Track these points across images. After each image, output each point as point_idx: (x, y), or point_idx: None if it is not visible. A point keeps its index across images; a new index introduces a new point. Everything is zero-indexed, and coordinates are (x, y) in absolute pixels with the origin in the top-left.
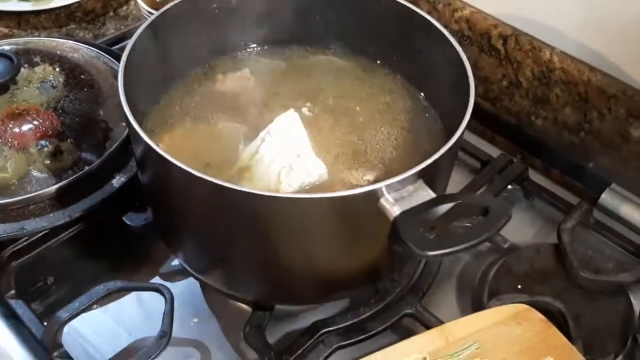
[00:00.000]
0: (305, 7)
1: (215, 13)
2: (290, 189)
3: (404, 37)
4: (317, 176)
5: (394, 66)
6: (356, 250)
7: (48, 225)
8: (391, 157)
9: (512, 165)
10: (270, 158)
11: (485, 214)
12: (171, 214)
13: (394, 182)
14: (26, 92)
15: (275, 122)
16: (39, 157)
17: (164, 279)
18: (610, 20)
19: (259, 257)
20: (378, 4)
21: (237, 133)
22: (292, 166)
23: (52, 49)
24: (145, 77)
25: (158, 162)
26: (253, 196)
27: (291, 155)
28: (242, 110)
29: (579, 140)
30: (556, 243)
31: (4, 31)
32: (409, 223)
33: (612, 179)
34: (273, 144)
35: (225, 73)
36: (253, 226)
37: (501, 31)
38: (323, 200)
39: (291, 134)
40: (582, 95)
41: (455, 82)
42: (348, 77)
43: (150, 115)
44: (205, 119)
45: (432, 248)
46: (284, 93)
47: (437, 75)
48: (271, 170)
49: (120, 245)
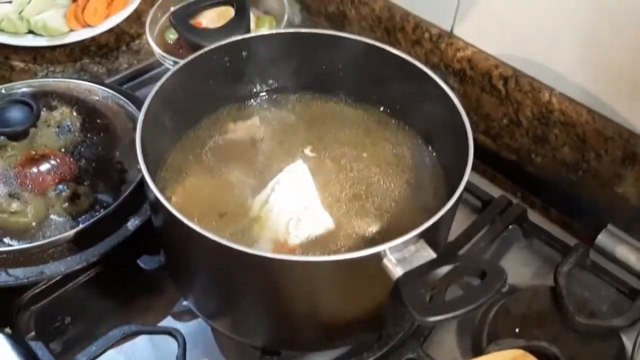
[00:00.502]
0: (312, 57)
1: (227, 66)
2: (297, 240)
3: (405, 87)
4: (323, 228)
5: (398, 115)
6: (360, 304)
7: (66, 269)
8: (396, 207)
9: (512, 207)
10: (279, 208)
11: (482, 277)
12: (181, 262)
13: (397, 244)
14: (45, 136)
15: (284, 172)
16: (57, 202)
17: (176, 318)
18: (607, 64)
19: (266, 308)
20: (380, 56)
21: (247, 182)
22: (300, 217)
23: (69, 90)
24: (160, 127)
25: (168, 217)
26: (259, 258)
27: (299, 206)
28: (253, 158)
29: (577, 178)
30: (552, 285)
31: (20, 65)
32: (410, 285)
33: (608, 220)
34: (282, 194)
35: (235, 122)
36: (260, 282)
37: (502, 72)
38: (328, 263)
39: (299, 184)
40: (580, 136)
41: (456, 139)
42: (356, 125)
43: (164, 163)
44: (217, 168)
45: (431, 314)
46: (292, 141)
47: (439, 128)
48: (280, 221)
49: (134, 285)
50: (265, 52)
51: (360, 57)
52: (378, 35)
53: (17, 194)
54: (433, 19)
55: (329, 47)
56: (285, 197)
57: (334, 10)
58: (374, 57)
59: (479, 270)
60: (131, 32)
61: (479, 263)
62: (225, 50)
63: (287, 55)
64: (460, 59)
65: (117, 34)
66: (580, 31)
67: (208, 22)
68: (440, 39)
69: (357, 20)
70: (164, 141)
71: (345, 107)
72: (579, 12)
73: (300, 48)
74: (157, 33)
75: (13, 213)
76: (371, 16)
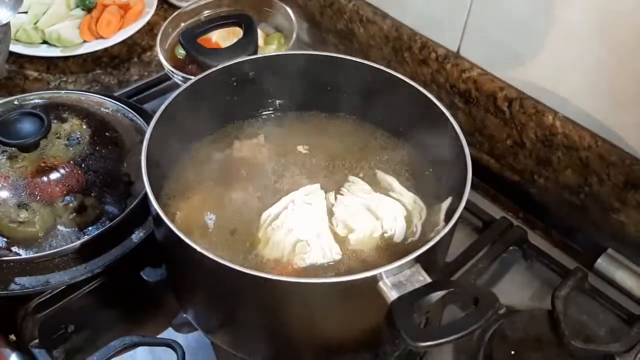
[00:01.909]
0: (318, 78)
1: (234, 85)
2: (303, 263)
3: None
4: (330, 259)
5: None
6: (357, 324)
7: (71, 279)
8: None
9: (512, 229)
10: (289, 227)
11: (475, 303)
12: (181, 278)
13: (392, 268)
14: (54, 148)
15: (300, 191)
16: (64, 212)
17: (176, 329)
18: (612, 91)
19: (264, 326)
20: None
21: (251, 200)
22: (310, 243)
23: (80, 103)
24: (166, 143)
25: (169, 233)
26: (257, 278)
27: (311, 231)
28: (257, 177)
29: (579, 201)
30: (550, 309)
31: (33, 75)
32: (404, 310)
33: (608, 244)
34: (295, 213)
35: (241, 139)
36: (258, 301)
37: (507, 94)
38: (326, 285)
39: (313, 207)
40: (582, 159)
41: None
42: (359, 144)
43: (169, 179)
44: (222, 185)
45: (423, 339)
46: (297, 160)
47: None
48: (288, 240)
49: (136, 296)
50: (272, 72)
51: (365, 79)
52: (385, 54)
53: (26, 204)
54: (440, 39)
55: (334, 68)
56: (298, 217)
57: (342, 27)
58: (377, 80)
59: (472, 296)
60: (143, 44)
61: (473, 289)
62: (233, 70)
63: (294, 75)
64: (466, 79)
65: (129, 45)
66: (586, 58)
67: (217, 37)
68: (447, 59)
69: (365, 39)
70: (170, 157)
71: (349, 127)
72: (585, 40)
73: (306, 69)
74: (168, 48)
75: (21, 223)
76: (379, 35)
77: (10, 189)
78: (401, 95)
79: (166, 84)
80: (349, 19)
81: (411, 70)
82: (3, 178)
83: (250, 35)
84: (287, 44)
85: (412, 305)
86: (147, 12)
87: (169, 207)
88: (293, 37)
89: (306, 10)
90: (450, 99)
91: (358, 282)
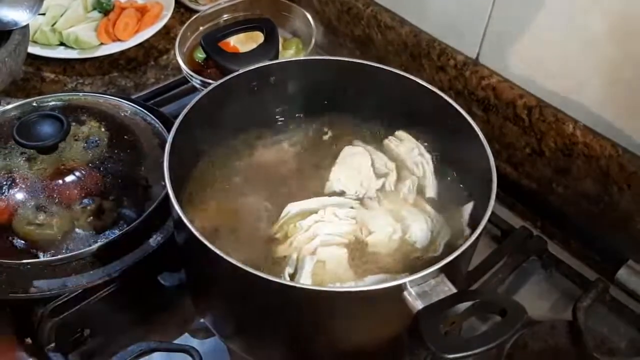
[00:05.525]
0: (340, 83)
1: (255, 90)
2: (307, 279)
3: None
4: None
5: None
6: (379, 334)
7: (88, 283)
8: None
9: (532, 239)
10: (313, 233)
11: (502, 315)
12: (201, 283)
13: (417, 278)
14: (73, 150)
15: (334, 198)
16: (82, 215)
17: (193, 335)
18: (632, 100)
19: (284, 333)
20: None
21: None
22: (327, 261)
23: (98, 105)
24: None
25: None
26: (281, 285)
27: (334, 250)
28: (279, 182)
29: (599, 210)
30: (571, 320)
31: (50, 77)
32: (429, 320)
33: (628, 254)
34: (325, 219)
35: (262, 144)
36: (279, 308)
37: (526, 102)
38: (351, 293)
39: (341, 222)
40: (602, 169)
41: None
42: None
43: (188, 184)
44: (242, 190)
45: (451, 350)
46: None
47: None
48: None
49: (153, 301)
50: (293, 77)
51: (386, 84)
52: (403, 60)
53: (44, 207)
54: (459, 46)
55: (359, 74)
56: (325, 227)
57: (360, 33)
58: (399, 85)
59: (499, 307)
60: (159, 47)
61: (500, 300)
62: (254, 75)
63: (315, 80)
64: (485, 87)
65: (145, 48)
66: (607, 68)
67: (235, 41)
68: (465, 66)
69: (383, 45)
70: (190, 161)
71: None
72: (606, 50)
73: (327, 74)
74: (186, 52)
75: (39, 225)
76: (397, 41)
77: (29, 191)
78: (425, 103)
79: (183, 88)
80: (366, 24)
81: (428, 77)
82: (22, 180)
83: (271, 39)
84: (305, 50)
85: (438, 315)
86: (164, 15)
87: (189, 210)
88: (312, 42)
89: (323, 15)
90: (468, 106)
91: (382, 292)
